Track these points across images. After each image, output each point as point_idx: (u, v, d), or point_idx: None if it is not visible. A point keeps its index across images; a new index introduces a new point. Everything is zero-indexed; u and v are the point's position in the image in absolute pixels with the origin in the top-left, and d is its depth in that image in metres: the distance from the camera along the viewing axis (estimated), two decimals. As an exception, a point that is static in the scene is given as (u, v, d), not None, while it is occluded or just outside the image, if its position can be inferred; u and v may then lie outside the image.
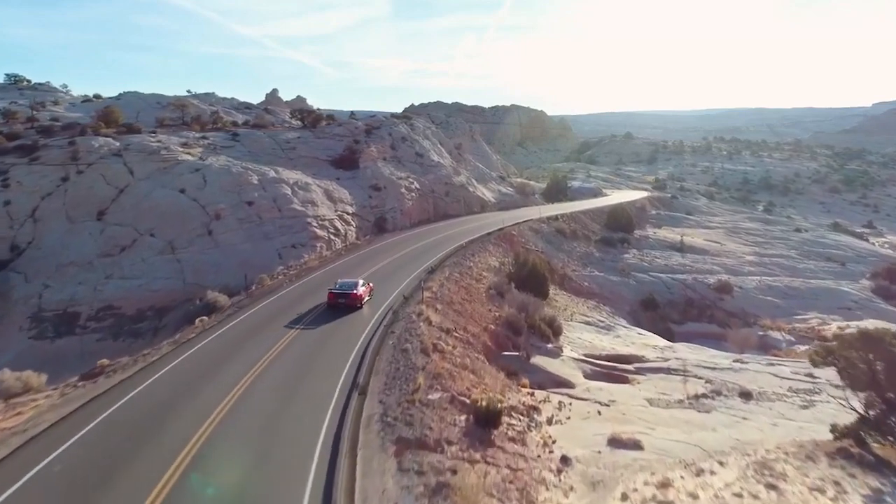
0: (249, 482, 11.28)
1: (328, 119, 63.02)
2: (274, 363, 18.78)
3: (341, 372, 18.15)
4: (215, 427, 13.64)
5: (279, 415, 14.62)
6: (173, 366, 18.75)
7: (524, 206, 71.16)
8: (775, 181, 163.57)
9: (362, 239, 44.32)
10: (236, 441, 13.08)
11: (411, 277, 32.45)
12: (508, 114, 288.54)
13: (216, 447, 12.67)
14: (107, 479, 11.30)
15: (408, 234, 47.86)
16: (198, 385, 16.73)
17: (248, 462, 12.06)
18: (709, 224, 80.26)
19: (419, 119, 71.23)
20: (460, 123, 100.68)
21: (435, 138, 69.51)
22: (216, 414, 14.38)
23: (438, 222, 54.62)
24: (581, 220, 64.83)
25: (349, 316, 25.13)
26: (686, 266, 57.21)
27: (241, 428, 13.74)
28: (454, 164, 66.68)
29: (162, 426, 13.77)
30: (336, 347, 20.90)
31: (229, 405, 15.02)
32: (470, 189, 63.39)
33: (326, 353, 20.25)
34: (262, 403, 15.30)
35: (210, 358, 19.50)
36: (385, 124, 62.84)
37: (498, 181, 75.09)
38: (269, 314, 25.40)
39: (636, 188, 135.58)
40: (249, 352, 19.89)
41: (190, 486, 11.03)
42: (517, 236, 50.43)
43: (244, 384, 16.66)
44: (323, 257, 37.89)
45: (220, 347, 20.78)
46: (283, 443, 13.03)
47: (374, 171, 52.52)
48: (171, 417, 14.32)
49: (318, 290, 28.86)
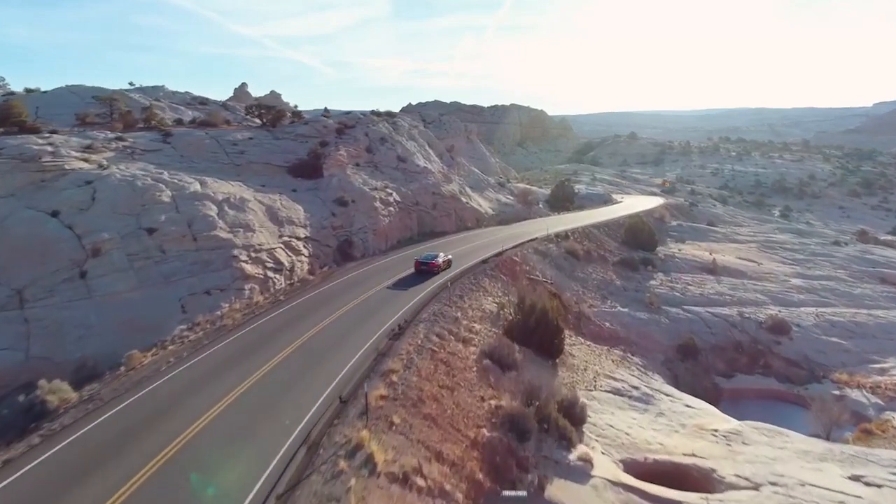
0: None
1: (296, 116, 51.91)
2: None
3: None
4: None
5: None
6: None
7: (527, 217, 60.10)
8: (789, 184, 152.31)
9: (318, 272, 33.21)
10: None
11: (365, 349, 21.39)
12: (508, 113, 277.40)
13: None
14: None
15: (380, 262, 36.78)
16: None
17: None
18: (737, 237, 69.06)
19: (404, 117, 60.05)
20: (454, 122, 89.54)
21: (423, 139, 58.33)
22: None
23: (423, 243, 43.49)
24: (595, 236, 53.67)
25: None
26: (725, 295, 46.08)
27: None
28: (445, 169, 55.48)
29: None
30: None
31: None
32: (463, 199, 52.19)
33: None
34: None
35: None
36: (361, 123, 51.68)
37: (496, 188, 63.92)
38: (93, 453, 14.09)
39: (644, 192, 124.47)
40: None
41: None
42: (520, 263, 39.31)
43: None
44: (253, 305, 26.77)
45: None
46: None
47: (341, 180, 41.36)
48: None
49: (219, 376, 17.87)
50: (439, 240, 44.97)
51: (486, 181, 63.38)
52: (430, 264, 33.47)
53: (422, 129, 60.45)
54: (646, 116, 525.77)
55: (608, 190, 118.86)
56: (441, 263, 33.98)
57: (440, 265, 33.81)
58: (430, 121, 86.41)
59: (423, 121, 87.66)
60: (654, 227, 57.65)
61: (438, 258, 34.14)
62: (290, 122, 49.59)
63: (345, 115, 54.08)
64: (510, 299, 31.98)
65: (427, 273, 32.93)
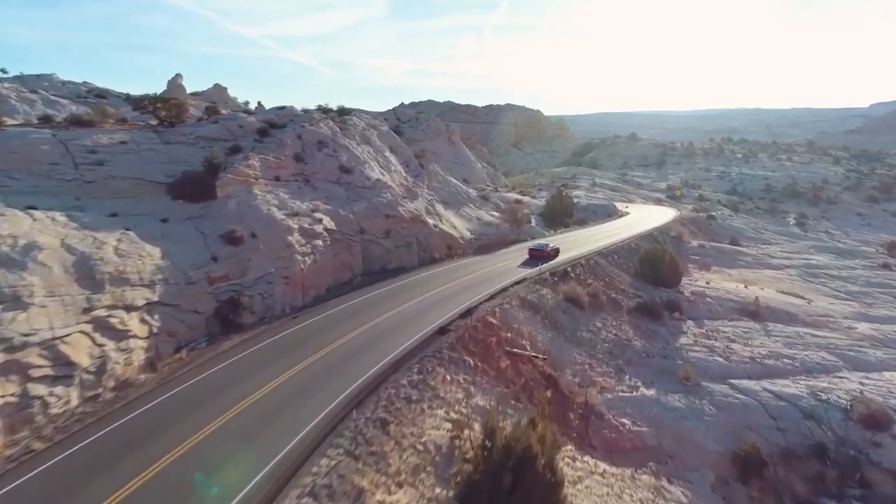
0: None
1: (211, 112, 38.56)
2: None
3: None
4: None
5: None
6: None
7: (516, 240, 46.84)
8: (802, 188, 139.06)
9: (166, 360, 20.00)
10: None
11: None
12: (503, 113, 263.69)
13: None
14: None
15: (287, 331, 23.46)
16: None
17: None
18: (770, 260, 55.80)
19: (362, 115, 46.44)
20: (434, 122, 75.95)
21: (383, 142, 44.93)
22: None
23: (363, 290, 30.09)
24: (602, 269, 40.36)
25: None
26: (783, 358, 32.86)
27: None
28: (409, 181, 42.11)
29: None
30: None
31: None
32: (430, 222, 38.84)
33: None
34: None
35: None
36: (296, 121, 38.29)
37: (479, 203, 50.47)
38: None
39: (649, 198, 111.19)
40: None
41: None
42: (498, 326, 26.07)
43: None
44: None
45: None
46: None
47: (242, 203, 28.03)
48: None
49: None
50: (390, 283, 31.64)
51: (466, 194, 49.96)
52: (543, 252, 39.72)
53: (385, 129, 46.97)
54: (643, 117, 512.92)
55: (609, 196, 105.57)
56: (550, 252, 40.17)
57: (550, 253, 40.04)
58: (406, 120, 73.09)
59: (398, 120, 74.29)
60: (675, 255, 44.34)
61: (548, 247, 40.80)
62: (198, 120, 36.29)
63: (277, 110, 40.68)
64: (478, 417, 18.77)
65: (539, 259, 38.86)
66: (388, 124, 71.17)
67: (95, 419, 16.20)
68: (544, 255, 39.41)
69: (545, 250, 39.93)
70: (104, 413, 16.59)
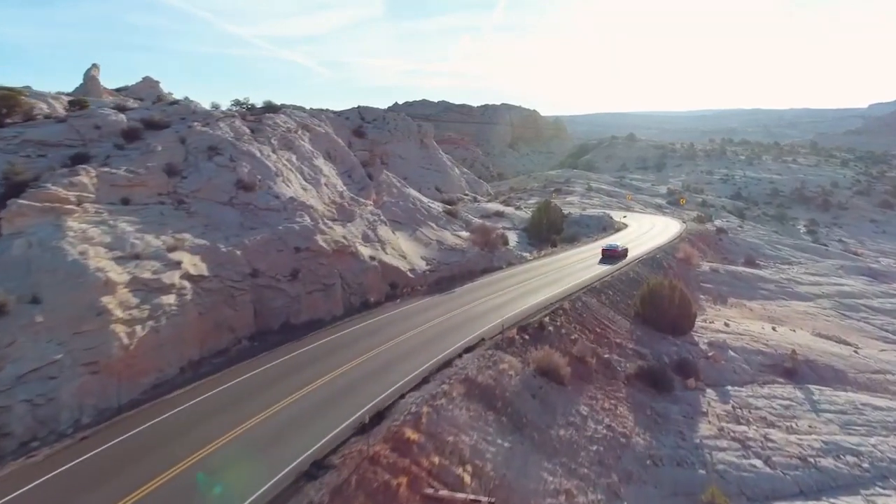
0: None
1: (74, 107, 28.49)
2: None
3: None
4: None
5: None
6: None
7: (487, 268, 36.76)
8: (811, 192, 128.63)
9: None
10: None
11: None
12: (499, 113, 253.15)
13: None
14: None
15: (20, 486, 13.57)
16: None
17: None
18: (796, 288, 45.56)
19: (293, 113, 35.85)
20: (405, 122, 65.52)
21: (320, 147, 34.77)
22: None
23: (240, 368, 20.01)
24: (592, 312, 30.16)
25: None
26: (845, 453, 22.81)
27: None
28: (344, 198, 31.95)
29: None
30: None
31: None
32: (365, 252, 28.74)
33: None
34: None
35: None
36: (186, 120, 28.22)
37: (444, 221, 40.23)
38: None
39: (648, 204, 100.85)
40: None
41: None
42: (421, 447, 15.93)
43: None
44: None
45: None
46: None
47: (38, 242, 17.99)
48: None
49: None
50: (284, 352, 21.53)
51: (427, 211, 39.67)
52: (615, 251, 41.59)
53: (323, 131, 36.65)
54: (640, 117, 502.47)
55: (605, 202, 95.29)
56: (621, 251, 41.98)
57: (621, 252, 41.84)
58: (371, 119, 62.94)
59: (363, 119, 64.05)
60: (686, 290, 34.03)
61: (619, 247, 42.59)
62: (44, 117, 26.31)
63: (167, 106, 30.43)
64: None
65: (612, 258, 40.72)
66: (350, 124, 61.10)
67: None
68: (616, 254, 41.61)
69: (617, 250, 42.10)
70: None
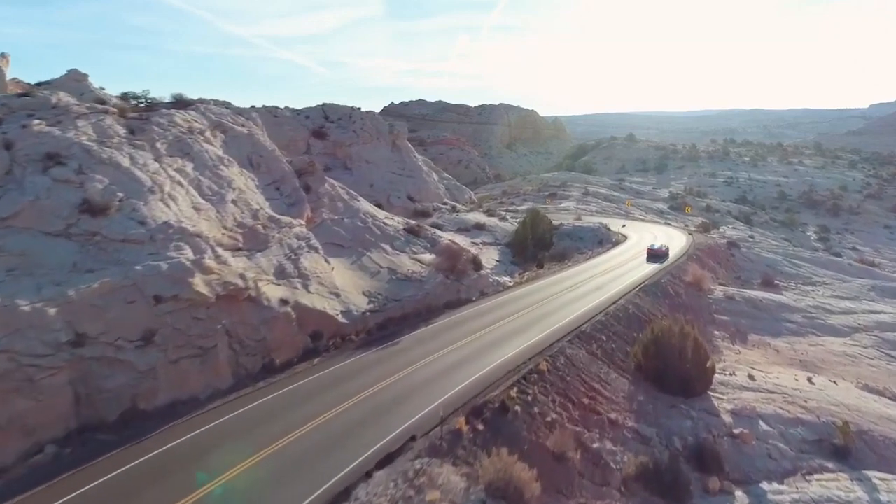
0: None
1: None
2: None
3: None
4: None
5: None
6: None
7: (451, 303, 29.01)
8: (820, 196, 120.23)
9: None
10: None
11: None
12: (496, 113, 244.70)
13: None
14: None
15: None
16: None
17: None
18: (827, 318, 37.54)
19: (210, 109, 27.48)
20: (374, 120, 57.28)
21: (237, 153, 26.95)
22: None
23: (23, 501, 12.55)
24: (578, 370, 22.33)
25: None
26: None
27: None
28: (256, 220, 24.08)
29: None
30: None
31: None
32: (271, 294, 20.97)
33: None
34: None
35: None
36: (32, 116, 20.51)
37: (402, 241, 32.34)
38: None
39: (650, 210, 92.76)
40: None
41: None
42: None
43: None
44: None
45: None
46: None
47: None
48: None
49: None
50: (107, 471, 13.94)
51: (380, 229, 31.75)
52: (660, 251, 44.49)
53: (245, 132, 28.78)
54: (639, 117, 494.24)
55: (603, 208, 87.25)
56: (665, 251, 44.88)
57: (665, 252, 44.61)
58: (336, 118, 55.07)
59: (326, 118, 56.17)
60: (701, 338, 26.12)
61: (663, 247, 45.71)
62: None
63: (13, 98, 22.71)
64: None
65: (657, 257, 43.37)
66: (311, 124, 53.30)
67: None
68: (661, 253, 44.21)
69: (661, 249, 44.87)
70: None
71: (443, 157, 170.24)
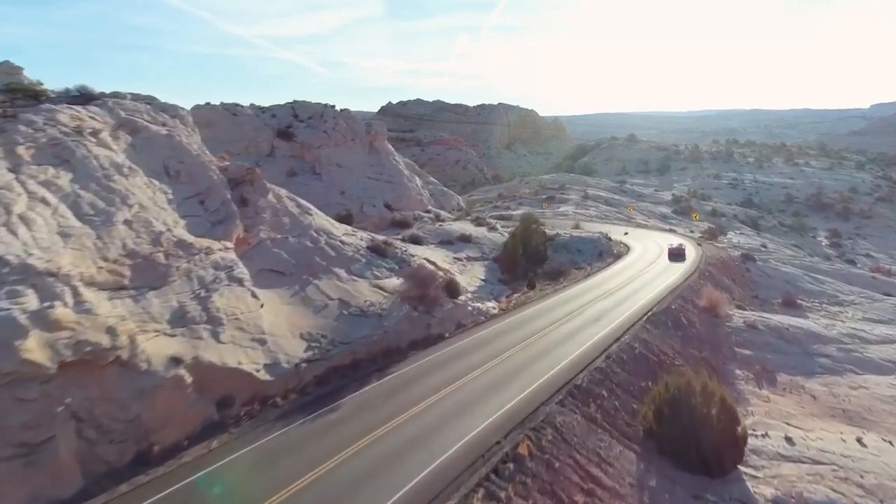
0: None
1: None
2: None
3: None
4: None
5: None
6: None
7: (420, 341, 23.49)
8: (828, 199, 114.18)
9: None
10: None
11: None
12: (496, 113, 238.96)
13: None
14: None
15: None
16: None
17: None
18: (866, 351, 31.72)
19: (121, 104, 22.10)
20: (345, 120, 51.28)
21: (146, 159, 21.33)
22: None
23: None
24: (568, 450, 16.66)
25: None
26: None
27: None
28: (143, 250, 18.41)
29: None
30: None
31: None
32: (158, 351, 15.43)
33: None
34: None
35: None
36: None
37: (364, 265, 26.62)
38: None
39: (652, 214, 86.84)
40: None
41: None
42: None
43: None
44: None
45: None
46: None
47: None
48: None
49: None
50: None
51: (336, 249, 26.07)
52: (678, 249, 45.39)
53: (163, 132, 23.01)
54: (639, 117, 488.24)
55: (604, 213, 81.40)
56: (684, 250, 46.07)
57: (684, 251, 45.72)
58: (307, 116, 49.32)
59: (295, 116, 50.43)
60: (729, 397, 20.42)
61: (682, 246, 46.93)
62: None
63: None
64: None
65: (678, 256, 44.39)
66: (277, 123, 47.59)
67: None
68: (680, 251, 45.15)
69: (680, 248, 45.88)
70: None
71: (440, 158, 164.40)
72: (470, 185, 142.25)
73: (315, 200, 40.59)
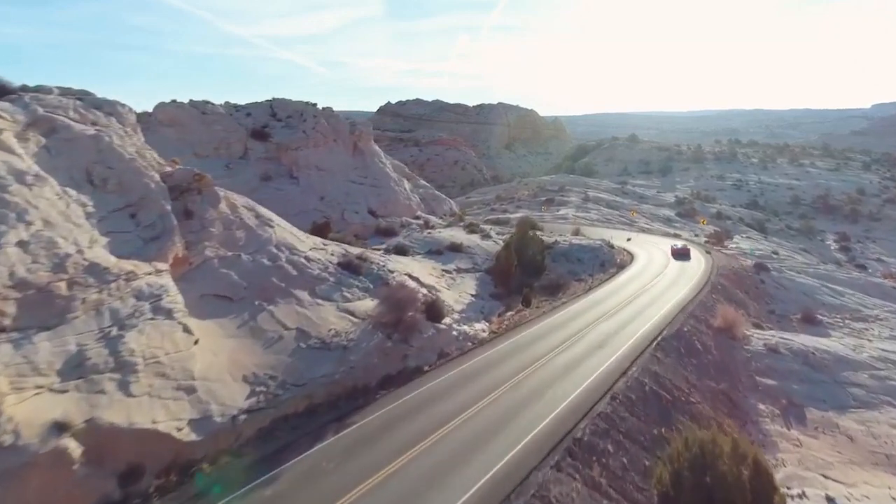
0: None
1: None
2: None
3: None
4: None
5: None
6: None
7: (394, 377, 19.90)
8: (836, 200, 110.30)
9: None
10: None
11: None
12: (495, 113, 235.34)
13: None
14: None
15: None
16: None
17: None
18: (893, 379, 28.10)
19: (33, 99, 18.95)
20: (327, 120, 47.38)
21: (65, 164, 17.88)
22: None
23: None
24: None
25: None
26: None
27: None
28: (35, 281, 14.74)
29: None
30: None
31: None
32: (31, 419, 11.46)
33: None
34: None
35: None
36: None
37: (332, 285, 23.01)
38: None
39: (655, 217, 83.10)
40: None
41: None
42: None
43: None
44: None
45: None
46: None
47: None
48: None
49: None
50: None
51: (299, 267, 22.51)
52: (683, 249, 46.35)
53: (89, 133, 19.64)
54: (639, 117, 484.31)
55: (605, 216, 77.67)
56: (688, 250, 46.95)
57: (688, 251, 46.62)
58: (287, 116, 45.60)
59: (273, 115, 46.74)
60: (762, 457, 16.89)
61: (686, 247, 47.81)
62: None
63: None
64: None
65: (682, 256, 45.32)
66: (252, 122, 43.93)
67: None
68: (684, 252, 46.15)
69: (684, 249, 47.05)
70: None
71: (439, 158, 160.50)
72: (469, 186, 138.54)
73: (291, 207, 36.97)
